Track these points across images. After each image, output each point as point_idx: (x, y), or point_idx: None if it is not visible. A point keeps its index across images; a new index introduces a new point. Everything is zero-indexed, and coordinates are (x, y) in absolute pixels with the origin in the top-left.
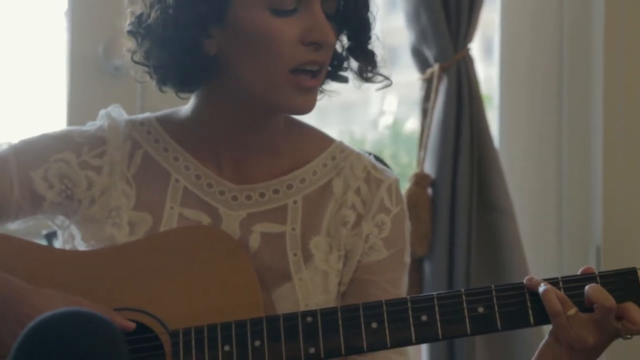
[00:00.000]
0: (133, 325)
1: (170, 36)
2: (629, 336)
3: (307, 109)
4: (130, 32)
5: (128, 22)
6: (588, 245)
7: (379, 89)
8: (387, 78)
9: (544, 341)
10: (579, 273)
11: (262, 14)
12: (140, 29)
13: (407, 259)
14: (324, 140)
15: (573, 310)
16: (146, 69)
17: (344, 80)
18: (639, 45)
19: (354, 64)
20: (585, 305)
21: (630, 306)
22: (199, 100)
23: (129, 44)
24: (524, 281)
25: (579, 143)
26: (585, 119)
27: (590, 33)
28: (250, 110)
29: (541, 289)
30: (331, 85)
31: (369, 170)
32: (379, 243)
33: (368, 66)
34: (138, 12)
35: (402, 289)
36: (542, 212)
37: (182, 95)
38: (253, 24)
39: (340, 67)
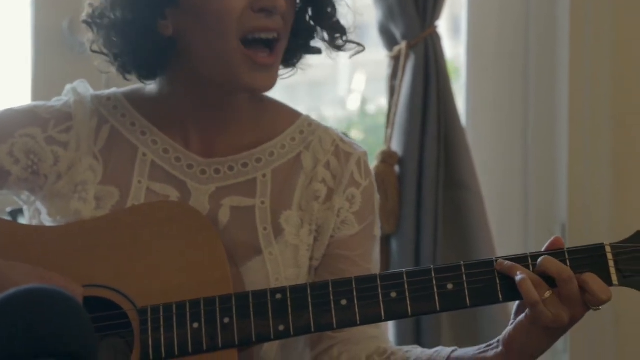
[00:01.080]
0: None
1: (126, 21)
2: (597, 307)
3: (265, 87)
4: (86, 22)
5: (85, 13)
6: (553, 223)
7: (352, 55)
8: (358, 44)
9: (516, 322)
10: (548, 243)
11: None
12: (97, 18)
13: (378, 232)
14: (291, 114)
15: (548, 293)
16: (107, 58)
17: (317, 51)
18: (604, 21)
19: (324, 34)
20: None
21: (589, 277)
22: (164, 81)
23: (88, 34)
24: (495, 265)
25: (545, 121)
26: (551, 97)
27: (556, 10)
28: (212, 90)
29: (518, 278)
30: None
31: (338, 144)
32: (351, 217)
33: (336, 34)
34: (95, 3)
35: (372, 263)
36: (508, 189)
37: (147, 82)
38: None
39: (310, 38)
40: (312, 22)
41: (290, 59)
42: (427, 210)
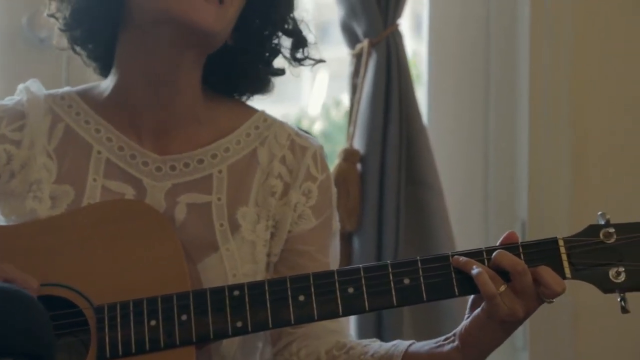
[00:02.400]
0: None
1: None
2: (551, 300)
3: (206, 20)
4: None
5: None
6: (513, 220)
7: (312, 66)
8: (319, 61)
9: (472, 316)
10: (502, 238)
11: None
12: None
13: (336, 225)
14: (247, 110)
15: (504, 287)
16: (59, 25)
17: (281, 72)
18: (564, 18)
19: (285, 52)
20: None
21: (543, 270)
22: (117, 63)
23: (51, 6)
24: (450, 261)
25: (505, 120)
26: (511, 95)
27: (517, 10)
28: (162, 52)
29: (474, 272)
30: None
31: (293, 138)
32: (308, 212)
33: (298, 45)
34: None
35: (331, 257)
36: (469, 187)
37: (98, 66)
38: None
39: (273, 56)
40: (274, 36)
41: (259, 88)
42: (388, 208)
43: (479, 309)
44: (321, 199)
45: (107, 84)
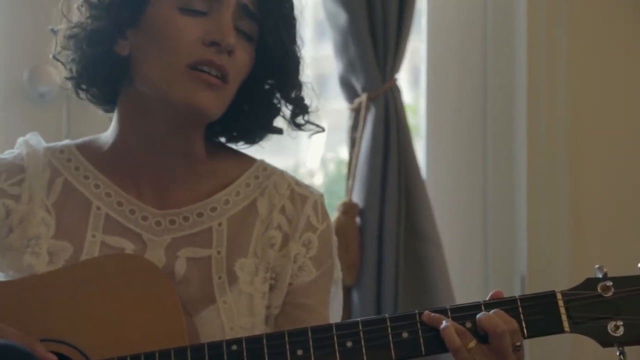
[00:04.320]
0: (55, 357)
1: (91, 34)
2: (520, 347)
3: (205, 105)
4: (53, 30)
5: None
6: (513, 275)
7: (311, 135)
8: (318, 127)
9: None
10: (487, 298)
11: (171, 12)
12: (66, 30)
13: (337, 274)
14: (246, 161)
15: (473, 343)
16: (66, 73)
17: (279, 131)
18: (560, 74)
19: (286, 112)
20: (480, 334)
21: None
22: (117, 119)
23: (57, 49)
24: (422, 317)
25: (503, 174)
26: (509, 149)
27: (514, 63)
28: (162, 121)
29: (442, 326)
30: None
31: (293, 188)
32: (308, 263)
33: (298, 111)
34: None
35: (332, 309)
36: (468, 241)
37: (100, 115)
38: (160, 20)
39: (274, 116)
40: (276, 98)
41: (253, 139)
42: (387, 263)
43: None
44: (321, 250)
45: (107, 137)
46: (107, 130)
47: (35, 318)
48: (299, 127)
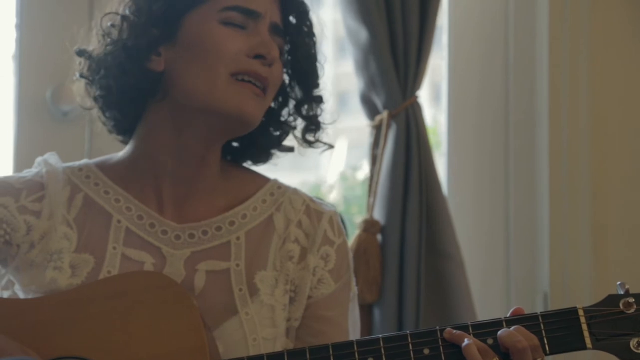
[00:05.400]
0: None
1: (123, 52)
2: None
3: (253, 114)
4: (78, 52)
5: (87, 46)
6: (535, 292)
7: (322, 152)
8: (329, 145)
9: None
10: (508, 315)
11: (213, 26)
12: (91, 52)
13: (355, 289)
14: (260, 179)
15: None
16: (91, 91)
17: (290, 149)
18: (583, 90)
19: (299, 132)
20: (502, 351)
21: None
22: (141, 134)
23: (84, 69)
24: (444, 334)
25: (526, 190)
26: (531, 166)
27: (536, 79)
28: (192, 133)
29: (464, 344)
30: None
31: (308, 204)
32: (327, 276)
33: (312, 128)
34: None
35: (350, 322)
36: (490, 258)
37: (120, 134)
38: (202, 34)
39: (285, 134)
40: (292, 118)
41: (263, 158)
42: (409, 280)
43: None
44: (339, 263)
45: (125, 154)
46: (125, 149)
47: (59, 335)
48: (309, 144)
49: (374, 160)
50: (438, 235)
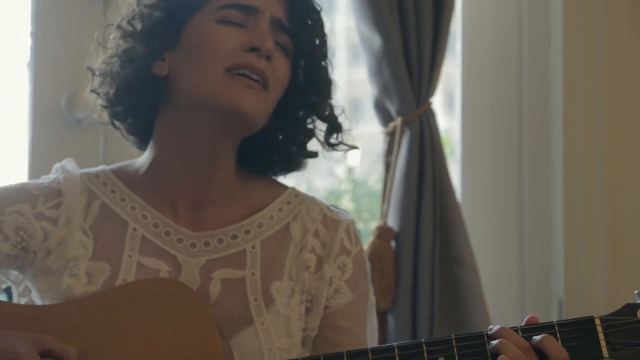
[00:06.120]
0: None
1: (126, 60)
2: None
3: (250, 107)
4: (89, 69)
5: (94, 62)
6: (550, 299)
7: (345, 152)
8: (352, 147)
9: None
10: (523, 323)
11: (209, 24)
12: (100, 64)
13: (372, 298)
14: (278, 187)
15: None
16: (101, 101)
17: (314, 155)
18: (597, 97)
19: (319, 134)
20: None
21: (547, 341)
22: (154, 141)
23: (94, 82)
24: (486, 339)
25: (540, 196)
26: (545, 172)
27: (550, 86)
28: (205, 133)
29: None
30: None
31: (325, 213)
32: (343, 285)
33: (333, 130)
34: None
35: (369, 332)
36: (504, 265)
37: (136, 141)
38: (199, 33)
39: (308, 139)
40: (309, 120)
41: (291, 168)
42: (423, 286)
43: None
44: (356, 273)
45: (142, 161)
46: (142, 155)
47: (75, 342)
48: (332, 146)
49: (388, 167)
50: (452, 242)
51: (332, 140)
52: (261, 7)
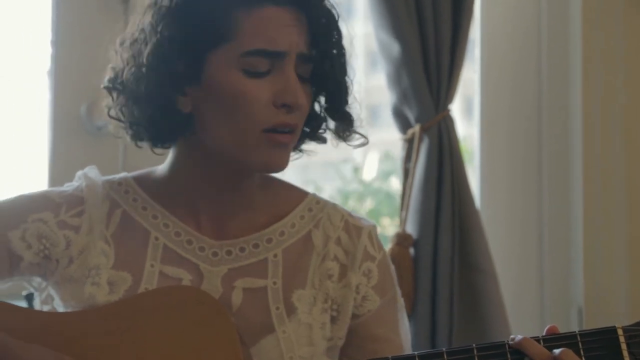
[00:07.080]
0: None
1: (144, 92)
2: None
3: (279, 165)
4: (107, 88)
5: (107, 78)
6: (569, 306)
7: (356, 147)
8: (364, 137)
9: None
10: (544, 333)
11: (236, 75)
12: (117, 85)
13: (401, 301)
14: (299, 194)
15: None
16: (122, 124)
17: (323, 140)
18: (617, 102)
19: (332, 123)
20: None
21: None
22: (175, 158)
23: (107, 99)
24: (507, 349)
25: (559, 203)
26: (565, 178)
27: (569, 92)
28: (225, 168)
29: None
30: (310, 145)
31: (347, 219)
32: (371, 292)
33: (345, 126)
34: (117, 68)
35: (402, 335)
36: (524, 272)
37: (157, 150)
38: (227, 84)
39: (318, 128)
40: (322, 112)
41: (297, 145)
42: (442, 293)
43: None
44: (382, 278)
45: (164, 170)
46: (162, 163)
47: (97, 349)
48: (344, 138)
49: (406, 174)
50: (470, 249)
51: (344, 133)
52: (287, 49)
